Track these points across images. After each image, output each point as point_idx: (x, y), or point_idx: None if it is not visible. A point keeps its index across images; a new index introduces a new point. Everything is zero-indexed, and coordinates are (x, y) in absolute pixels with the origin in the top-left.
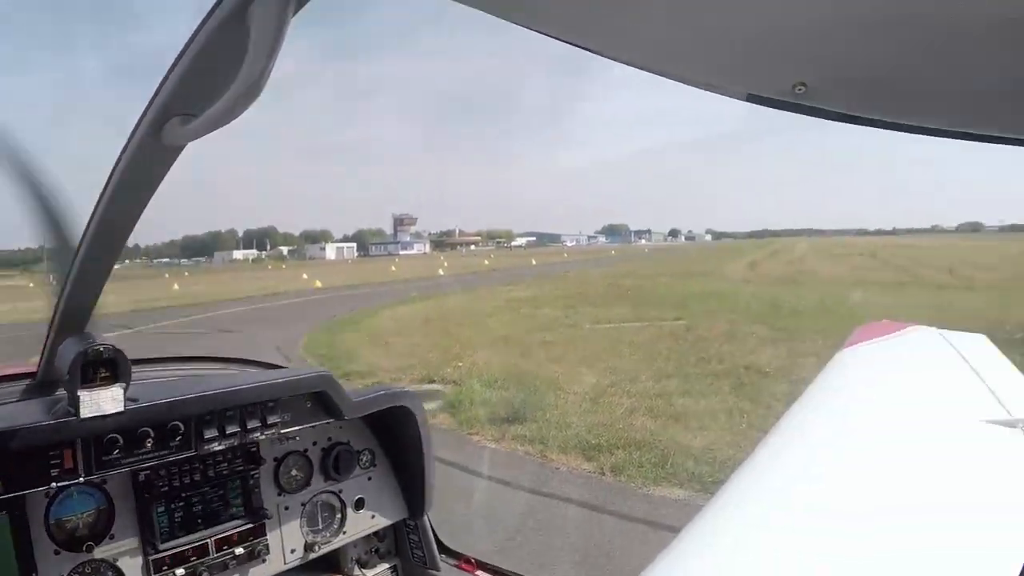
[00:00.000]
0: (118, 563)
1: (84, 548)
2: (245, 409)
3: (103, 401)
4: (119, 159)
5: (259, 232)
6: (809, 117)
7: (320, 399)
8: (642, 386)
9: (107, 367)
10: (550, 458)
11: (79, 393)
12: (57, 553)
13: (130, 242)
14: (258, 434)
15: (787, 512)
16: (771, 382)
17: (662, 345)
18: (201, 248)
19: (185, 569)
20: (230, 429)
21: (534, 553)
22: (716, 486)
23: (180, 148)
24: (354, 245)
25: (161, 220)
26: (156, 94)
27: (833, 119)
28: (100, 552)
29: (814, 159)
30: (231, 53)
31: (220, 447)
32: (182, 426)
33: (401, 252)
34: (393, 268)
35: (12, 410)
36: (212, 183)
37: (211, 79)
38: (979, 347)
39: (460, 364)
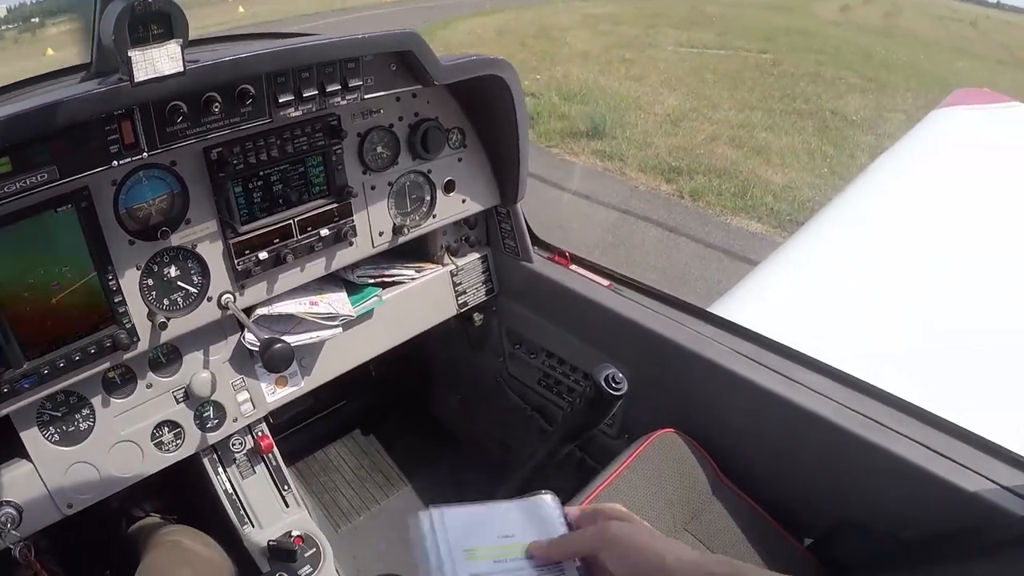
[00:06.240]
0: (197, 249)
1: (159, 235)
2: (322, 69)
3: (158, 60)
4: None
5: None
6: None
7: (406, 61)
8: (724, 114)
9: (159, 23)
10: (628, 175)
11: (130, 54)
12: (132, 243)
13: None
14: (339, 99)
15: (861, 262)
16: (857, 131)
17: (746, 76)
18: None
19: (268, 252)
20: (307, 92)
21: (612, 265)
22: (793, 226)
23: None
24: None
25: None
26: None
27: None
28: (177, 239)
29: None
30: None
31: (297, 113)
32: (252, 89)
33: None
34: None
35: (63, 91)
36: None
37: None
38: None
39: (538, 77)
